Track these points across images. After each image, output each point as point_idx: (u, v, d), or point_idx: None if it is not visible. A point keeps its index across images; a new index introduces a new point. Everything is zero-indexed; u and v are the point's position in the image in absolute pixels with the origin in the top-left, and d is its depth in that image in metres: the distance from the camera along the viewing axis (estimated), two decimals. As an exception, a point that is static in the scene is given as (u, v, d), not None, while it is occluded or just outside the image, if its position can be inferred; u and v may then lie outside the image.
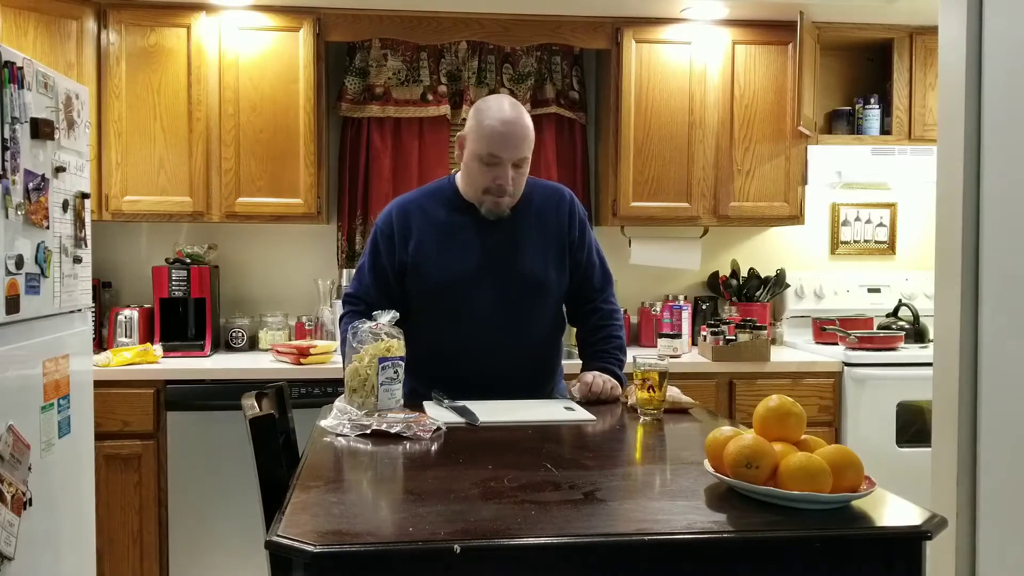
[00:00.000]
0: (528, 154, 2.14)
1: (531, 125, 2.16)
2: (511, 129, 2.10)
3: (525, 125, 2.13)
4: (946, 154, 2.09)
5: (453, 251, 2.20)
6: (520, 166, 2.14)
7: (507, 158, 2.10)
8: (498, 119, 2.11)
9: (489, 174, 2.12)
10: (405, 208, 2.27)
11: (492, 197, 2.15)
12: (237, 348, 3.52)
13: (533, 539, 1.16)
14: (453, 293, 2.19)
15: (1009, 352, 1.91)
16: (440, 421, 1.80)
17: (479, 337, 2.19)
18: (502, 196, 2.14)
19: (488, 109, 2.14)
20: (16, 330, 2.15)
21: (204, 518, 3.10)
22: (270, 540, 1.15)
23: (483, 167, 2.12)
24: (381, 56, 3.58)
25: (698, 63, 3.54)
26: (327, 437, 1.74)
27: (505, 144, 2.09)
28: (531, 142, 2.15)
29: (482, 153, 2.10)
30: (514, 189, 2.15)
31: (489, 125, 2.10)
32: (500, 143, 2.09)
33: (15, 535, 2.09)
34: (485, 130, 2.10)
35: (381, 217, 2.29)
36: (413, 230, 2.22)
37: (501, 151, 2.09)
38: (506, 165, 2.10)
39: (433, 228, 2.22)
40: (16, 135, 2.10)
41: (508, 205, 2.18)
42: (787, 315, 3.88)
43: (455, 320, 2.20)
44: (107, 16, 3.27)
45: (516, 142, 2.10)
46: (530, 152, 2.15)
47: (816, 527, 1.22)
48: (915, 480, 2.33)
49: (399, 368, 1.89)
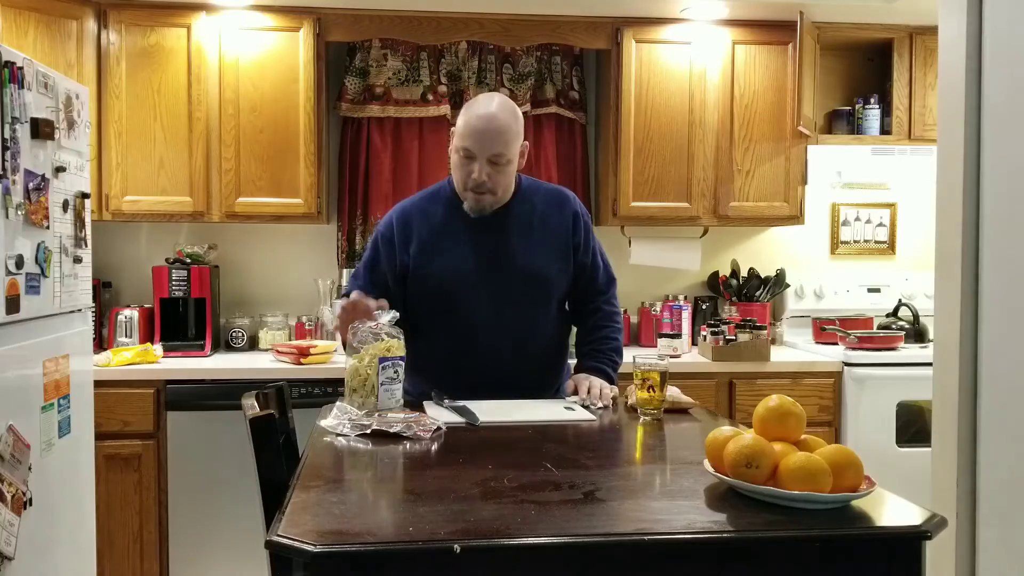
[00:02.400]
0: (506, 151, 2.10)
1: (513, 123, 2.13)
2: (486, 125, 2.09)
3: (504, 121, 2.10)
4: (946, 154, 2.09)
5: (453, 252, 2.20)
6: (497, 163, 2.10)
7: (478, 152, 2.09)
8: (476, 114, 2.11)
9: (464, 169, 2.12)
10: (405, 212, 2.27)
11: (471, 194, 2.14)
12: (237, 348, 3.52)
13: (533, 539, 1.17)
14: (455, 294, 2.19)
15: (1009, 352, 1.91)
16: (440, 421, 1.80)
17: (482, 337, 2.18)
18: (480, 193, 2.13)
19: (473, 104, 2.16)
20: (16, 330, 2.15)
21: (204, 518, 3.10)
22: (270, 540, 1.15)
23: (460, 161, 2.13)
24: (381, 56, 3.58)
25: (698, 63, 3.54)
26: (327, 437, 1.74)
27: (477, 138, 2.09)
28: (511, 140, 2.11)
29: (459, 147, 2.13)
30: (494, 186, 2.13)
31: (466, 120, 2.12)
32: (472, 137, 2.09)
33: (15, 535, 2.09)
34: (462, 125, 2.13)
35: (382, 222, 2.30)
36: (414, 233, 2.22)
37: (472, 145, 2.09)
38: (479, 160, 2.09)
39: (433, 230, 2.22)
40: (16, 135, 2.10)
41: (490, 203, 2.16)
42: (787, 315, 3.88)
43: (458, 321, 2.19)
44: (107, 16, 3.27)
45: (490, 136, 2.08)
46: (510, 150, 2.11)
47: (816, 527, 1.22)
48: (915, 480, 2.33)
49: (399, 368, 1.90)
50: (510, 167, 2.15)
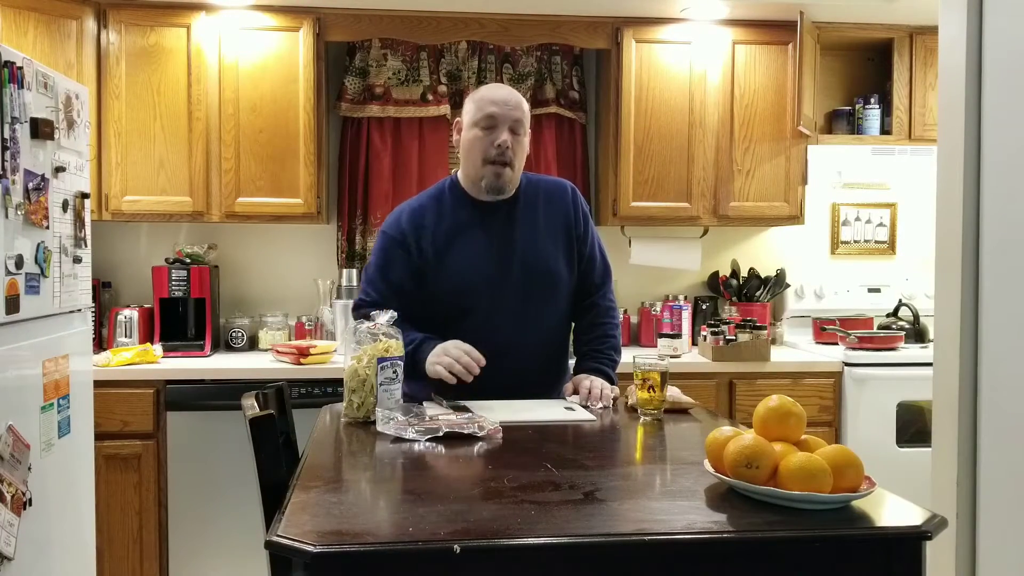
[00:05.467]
0: (524, 120, 2.18)
1: (524, 100, 2.21)
2: (502, 94, 2.19)
3: (516, 94, 2.21)
4: (946, 154, 2.09)
5: (466, 248, 2.19)
6: (517, 132, 2.16)
7: (501, 118, 2.14)
8: (490, 89, 2.22)
9: (488, 139, 2.15)
10: (415, 211, 2.25)
11: (493, 168, 2.15)
12: (237, 348, 3.52)
13: (533, 539, 1.16)
14: (473, 290, 2.17)
15: (1009, 352, 1.91)
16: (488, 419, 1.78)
17: (499, 333, 2.16)
18: (503, 164, 2.14)
19: (481, 88, 2.27)
20: (16, 330, 2.15)
21: (204, 518, 3.10)
22: (270, 540, 1.15)
23: (482, 133, 2.15)
24: (381, 56, 3.58)
25: (698, 63, 3.54)
26: (389, 443, 1.68)
27: (500, 105, 2.15)
28: (526, 112, 2.19)
29: (479, 118, 2.16)
30: (514, 157, 2.16)
31: (482, 95, 2.20)
32: (495, 104, 2.15)
33: (15, 535, 2.09)
34: (478, 100, 2.18)
35: (390, 225, 2.25)
36: (427, 230, 2.21)
37: (496, 111, 2.14)
38: (503, 127, 2.14)
39: (446, 225, 2.21)
40: (16, 135, 2.10)
41: (509, 180, 2.17)
42: (787, 315, 3.88)
43: (473, 317, 2.17)
44: (107, 16, 3.27)
45: (511, 103, 2.16)
46: (526, 122, 2.19)
47: (816, 527, 1.21)
48: (915, 480, 2.32)
49: (398, 368, 1.89)
50: (525, 142, 2.20)
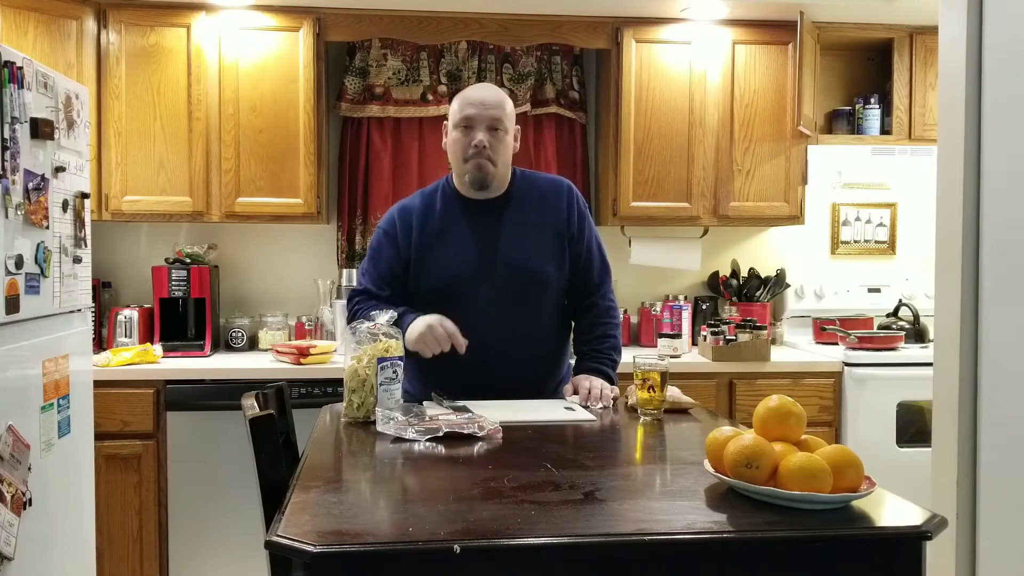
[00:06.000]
0: (503, 119, 2.21)
1: (507, 99, 2.25)
2: (481, 93, 2.24)
3: (499, 93, 2.26)
4: (946, 154, 2.09)
5: (453, 246, 2.23)
6: (496, 129, 2.20)
7: (478, 118, 2.18)
8: (471, 90, 2.27)
9: (464, 139, 2.20)
10: (405, 207, 2.32)
11: (472, 162, 2.20)
12: (237, 348, 3.52)
13: (533, 539, 1.16)
14: (455, 287, 2.20)
15: (1009, 352, 1.91)
16: (488, 419, 1.78)
17: (482, 333, 2.17)
18: (480, 157, 2.19)
19: (465, 89, 2.31)
20: (16, 330, 2.15)
21: (204, 518, 3.10)
22: (270, 540, 1.15)
23: (460, 134, 2.21)
24: (381, 56, 3.58)
25: (698, 63, 3.54)
26: (390, 443, 1.69)
27: (477, 106, 2.20)
28: (505, 110, 2.22)
29: (458, 120, 2.21)
30: (494, 156, 2.20)
31: (462, 96, 2.24)
32: (472, 106, 2.21)
33: (15, 535, 2.09)
34: (458, 102, 2.24)
35: (384, 219, 2.34)
36: (414, 228, 2.26)
37: (472, 112, 2.19)
38: (480, 127, 2.19)
39: (433, 222, 2.26)
40: (16, 135, 2.10)
41: (491, 175, 2.21)
42: (787, 315, 3.88)
43: (458, 315, 2.18)
44: (107, 16, 3.27)
45: (488, 102, 2.20)
46: (507, 119, 2.22)
47: (816, 527, 1.21)
48: (915, 480, 2.32)
49: (398, 368, 1.89)
50: (507, 139, 2.23)
